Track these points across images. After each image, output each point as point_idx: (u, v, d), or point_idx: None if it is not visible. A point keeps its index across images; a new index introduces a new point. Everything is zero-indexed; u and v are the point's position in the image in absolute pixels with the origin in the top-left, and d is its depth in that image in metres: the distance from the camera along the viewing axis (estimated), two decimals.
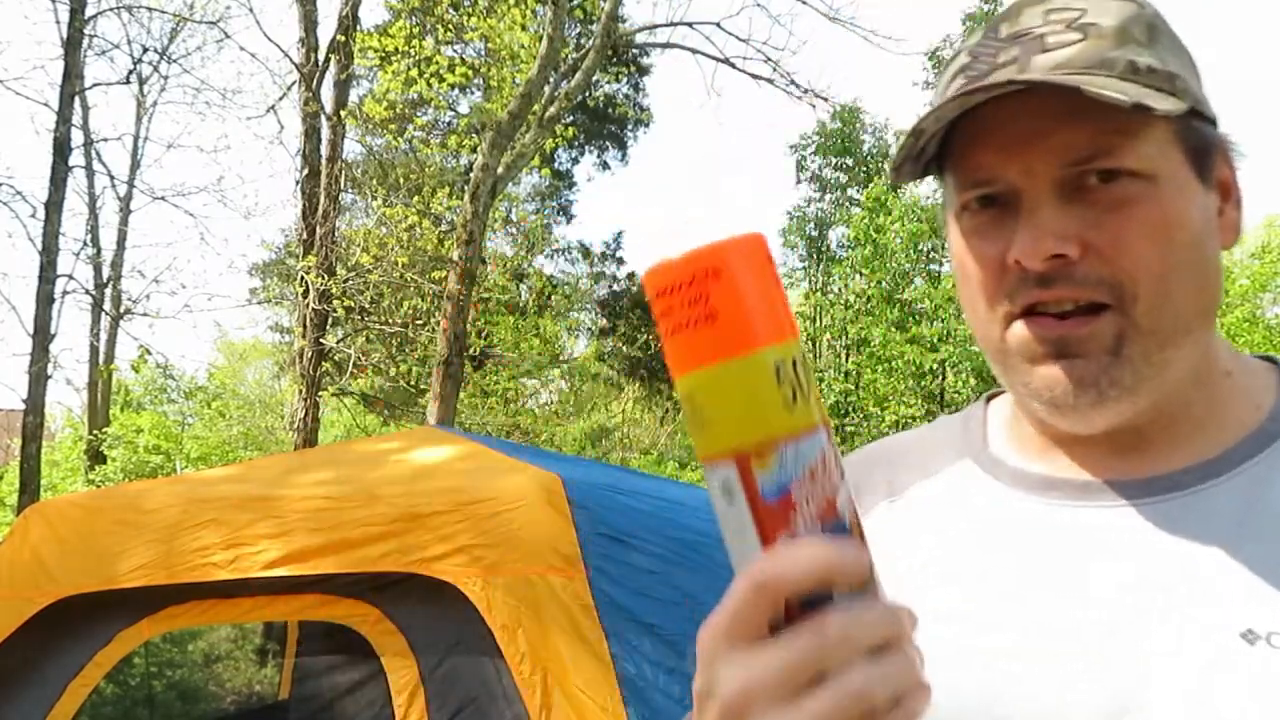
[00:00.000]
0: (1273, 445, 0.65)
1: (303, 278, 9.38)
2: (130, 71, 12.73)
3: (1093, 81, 0.59)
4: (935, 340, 9.70)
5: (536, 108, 8.33)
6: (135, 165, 15.74)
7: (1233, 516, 0.62)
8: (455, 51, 11.88)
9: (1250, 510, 0.62)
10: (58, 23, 9.82)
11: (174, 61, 14.38)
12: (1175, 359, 0.63)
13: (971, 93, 0.60)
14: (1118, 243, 0.61)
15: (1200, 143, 0.64)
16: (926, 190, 11.10)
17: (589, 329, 19.00)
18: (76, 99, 9.44)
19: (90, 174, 14.38)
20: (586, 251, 18.46)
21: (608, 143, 18.24)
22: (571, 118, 15.96)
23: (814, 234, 14.61)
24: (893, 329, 9.77)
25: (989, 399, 0.79)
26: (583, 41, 12.21)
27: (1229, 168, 0.67)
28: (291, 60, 9.86)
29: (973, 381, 9.89)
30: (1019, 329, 0.64)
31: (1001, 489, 0.70)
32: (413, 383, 11.77)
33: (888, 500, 0.76)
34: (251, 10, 14.16)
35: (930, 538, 0.71)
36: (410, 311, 11.14)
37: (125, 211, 15.60)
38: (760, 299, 0.48)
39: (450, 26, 11.33)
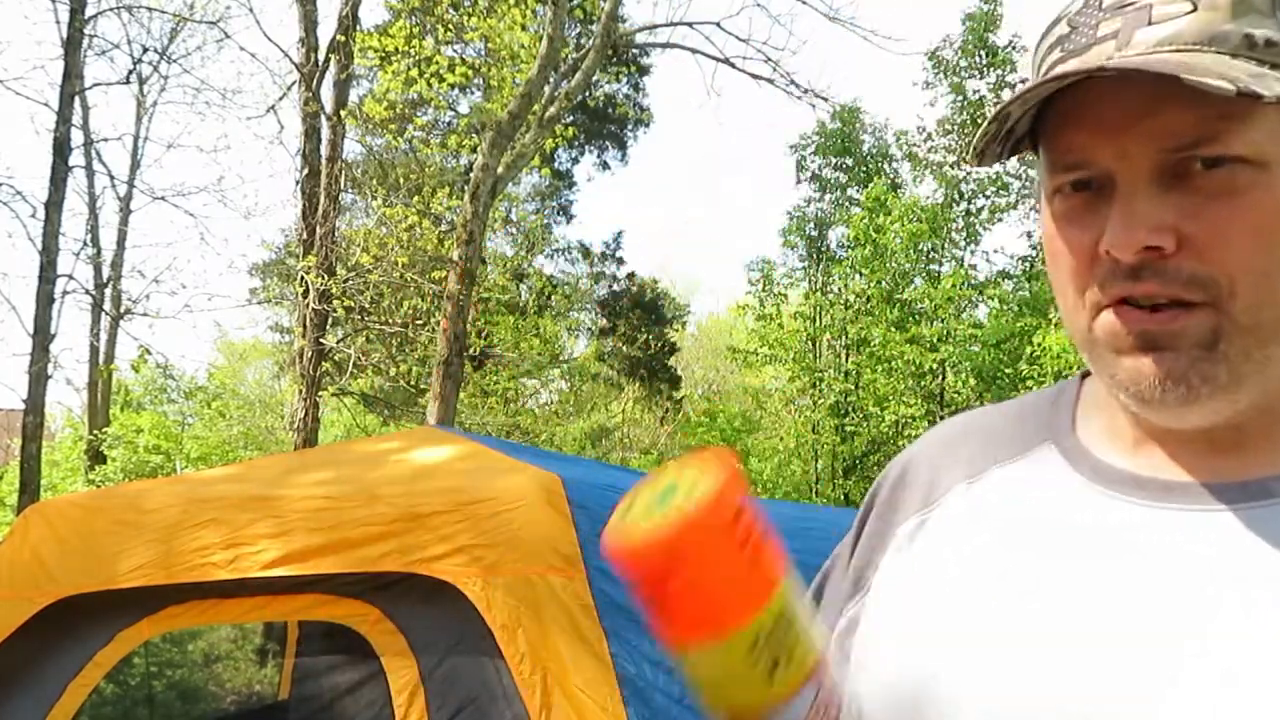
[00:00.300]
0: None
1: (303, 278, 9.39)
2: (130, 71, 12.73)
3: (1197, 64, 0.55)
4: (935, 340, 9.70)
5: (536, 108, 8.33)
6: (135, 165, 15.75)
7: None
8: (455, 51, 11.88)
9: None
10: (58, 23, 9.82)
11: (174, 61, 14.38)
12: (1274, 358, 0.59)
13: (1060, 77, 0.57)
14: (1217, 236, 0.57)
15: None
16: (926, 190, 11.12)
17: (589, 329, 19.00)
18: (76, 99, 9.44)
19: (90, 174, 14.38)
20: (586, 251, 18.45)
21: (608, 143, 18.23)
22: (571, 118, 15.96)
23: (814, 234, 14.63)
24: (892, 329, 9.77)
25: (1084, 376, 0.74)
26: (583, 41, 12.22)
27: None
28: (291, 60, 9.86)
29: (972, 381, 9.90)
30: (1107, 318, 0.60)
31: (1080, 482, 0.67)
32: (413, 383, 11.77)
33: (966, 482, 0.73)
34: (251, 10, 14.19)
35: (996, 529, 0.68)
36: (410, 311, 11.14)
37: (125, 211, 15.60)
38: (726, 580, 0.48)
39: (450, 26, 11.33)
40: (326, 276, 9.42)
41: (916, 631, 0.68)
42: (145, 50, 14.00)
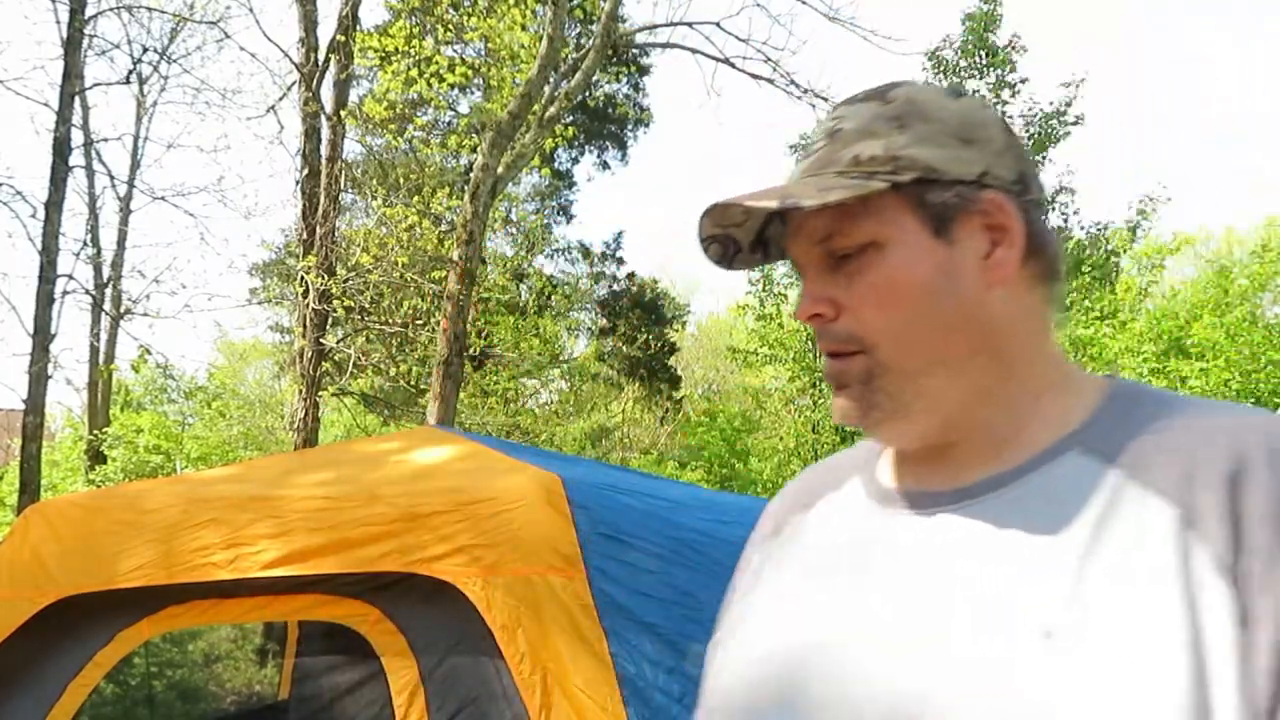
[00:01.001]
0: (1059, 458, 0.74)
1: (303, 278, 9.38)
2: (130, 71, 12.72)
3: (798, 187, 0.76)
4: None
5: (536, 108, 8.33)
6: (135, 165, 15.75)
7: (1014, 521, 0.72)
8: (455, 51, 11.88)
9: (1026, 517, 0.72)
10: (58, 23, 9.82)
11: (174, 61, 14.39)
12: (932, 387, 0.76)
13: (704, 213, 0.79)
14: (859, 304, 0.77)
15: (939, 205, 0.76)
16: None
17: (589, 329, 18.99)
18: (76, 99, 9.44)
19: (90, 174, 14.39)
20: (586, 251, 18.44)
21: (608, 143, 18.22)
22: (571, 118, 15.95)
23: None
24: None
25: None
26: (583, 41, 12.21)
27: (1001, 213, 0.77)
28: (291, 60, 9.86)
29: None
30: (824, 366, 0.81)
31: (865, 502, 0.84)
32: (413, 383, 11.77)
33: (802, 512, 0.91)
34: (251, 10, 14.17)
35: (806, 553, 0.85)
36: (410, 311, 11.14)
37: (125, 211, 15.61)
38: None
39: (450, 26, 11.33)
40: (326, 276, 9.42)
41: (737, 656, 0.84)
42: (145, 50, 14.01)
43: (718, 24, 9.35)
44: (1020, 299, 0.78)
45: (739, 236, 0.83)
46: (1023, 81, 10.78)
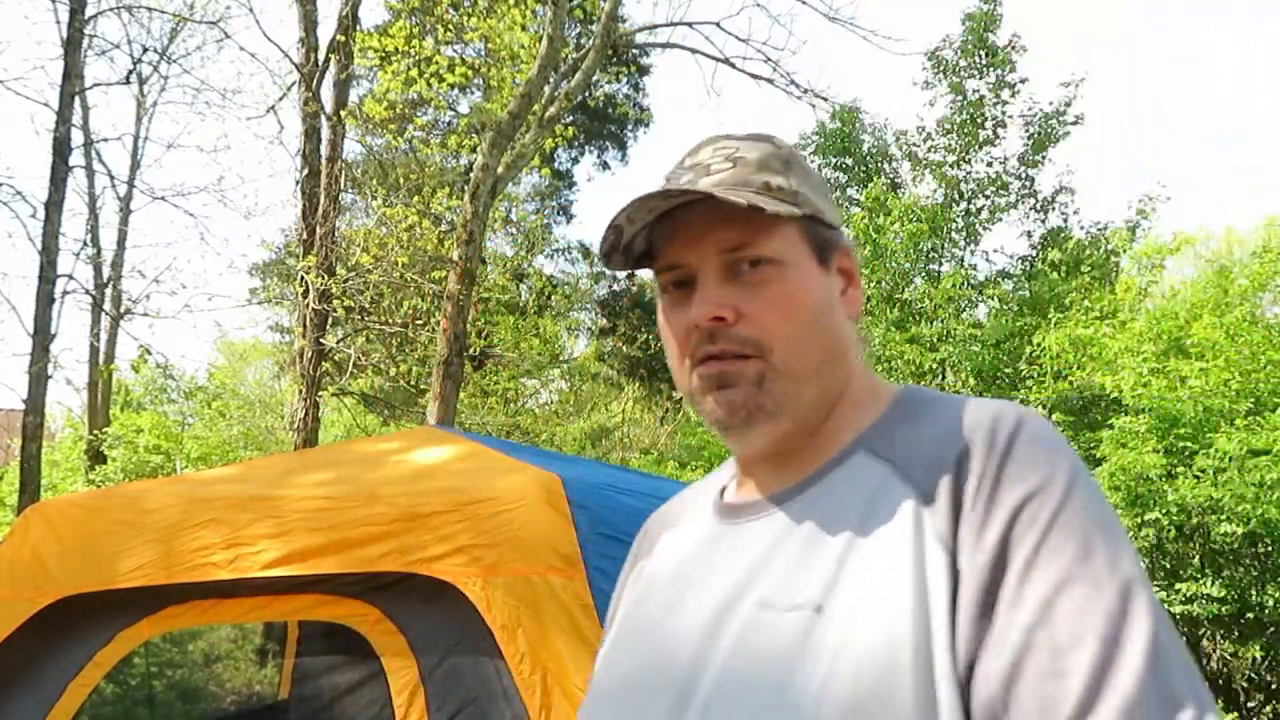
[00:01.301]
0: (850, 458, 0.84)
1: (303, 278, 9.38)
2: (130, 71, 12.71)
3: (728, 193, 0.82)
4: (935, 340, 9.70)
5: (536, 108, 8.33)
6: (135, 165, 15.75)
7: (808, 517, 0.82)
8: (455, 51, 11.88)
9: (817, 513, 0.81)
10: (58, 23, 9.82)
11: (174, 61, 14.39)
12: (806, 393, 0.85)
13: (646, 197, 0.83)
14: (759, 312, 0.84)
15: (821, 240, 0.89)
16: (926, 190, 11.10)
17: (589, 329, 18.98)
18: (76, 99, 9.43)
19: (90, 174, 14.38)
20: (586, 251, 18.42)
21: (608, 143, 18.20)
22: (571, 118, 15.95)
23: None
24: (892, 329, 9.76)
25: None
26: (583, 41, 12.21)
27: (850, 260, 0.92)
28: (291, 60, 9.86)
29: (972, 381, 9.89)
30: (699, 370, 0.86)
31: (709, 519, 0.93)
32: (413, 383, 11.76)
33: (669, 532, 0.98)
34: (251, 10, 14.17)
35: (659, 570, 0.93)
36: (410, 311, 11.13)
37: (125, 211, 15.60)
38: None
39: (450, 26, 11.32)
40: (326, 276, 9.42)
41: (589, 693, 0.92)
42: (145, 50, 14.00)
43: (718, 24, 9.35)
44: (851, 324, 0.92)
45: (626, 231, 0.87)
46: (1023, 81, 10.77)
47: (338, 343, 10.59)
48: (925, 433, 0.82)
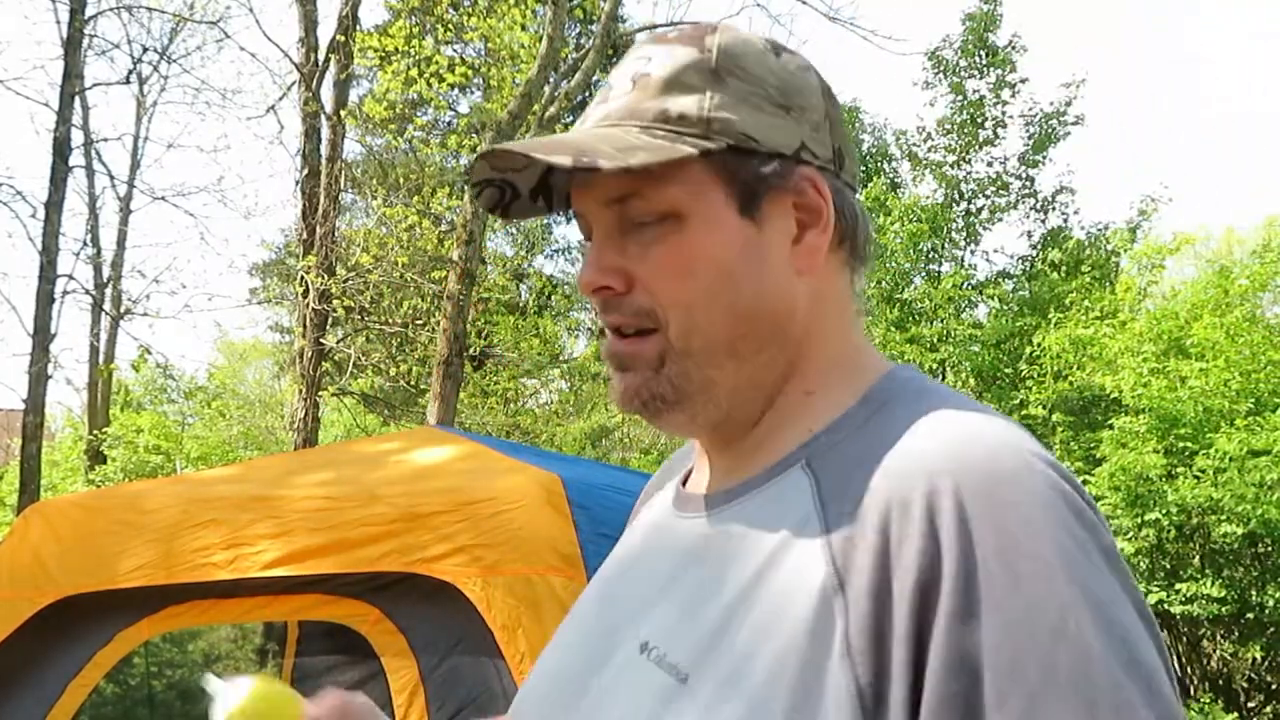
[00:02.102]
0: (786, 472, 0.66)
1: (303, 278, 9.38)
2: (130, 71, 12.72)
3: (588, 141, 0.65)
4: (935, 340, 9.69)
5: (536, 108, 8.33)
6: (135, 165, 15.74)
7: (720, 542, 0.66)
8: (455, 51, 11.88)
9: (729, 539, 0.66)
10: (58, 23, 9.82)
11: (174, 61, 14.37)
12: (719, 377, 0.68)
13: (479, 157, 0.69)
14: (653, 277, 0.68)
15: (748, 178, 0.67)
16: (926, 190, 11.10)
17: (589, 329, 18.99)
18: (76, 99, 9.43)
19: (90, 174, 14.37)
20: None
21: None
22: (571, 118, 15.94)
23: None
24: (892, 329, 9.76)
25: None
26: (583, 41, 12.21)
27: (810, 195, 0.69)
28: (291, 60, 9.86)
29: (972, 381, 9.89)
30: (603, 344, 0.73)
31: (669, 502, 0.79)
32: (413, 383, 11.76)
33: (646, 508, 0.85)
34: (251, 10, 14.20)
35: (618, 552, 0.82)
36: (410, 311, 11.13)
37: (125, 211, 15.60)
38: None
39: (450, 26, 11.32)
40: (326, 276, 9.42)
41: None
42: (145, 50, 14.00)
43: None
44: (824, 287, 0.71)
45: (519, 183, 0.73)
46: (1023, 81, 10.77)
47: (338, 343, 10.59)
48: (871, 455, 0.61)
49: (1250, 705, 6.69)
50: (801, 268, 0.69)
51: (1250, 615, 6.29)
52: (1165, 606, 6.19)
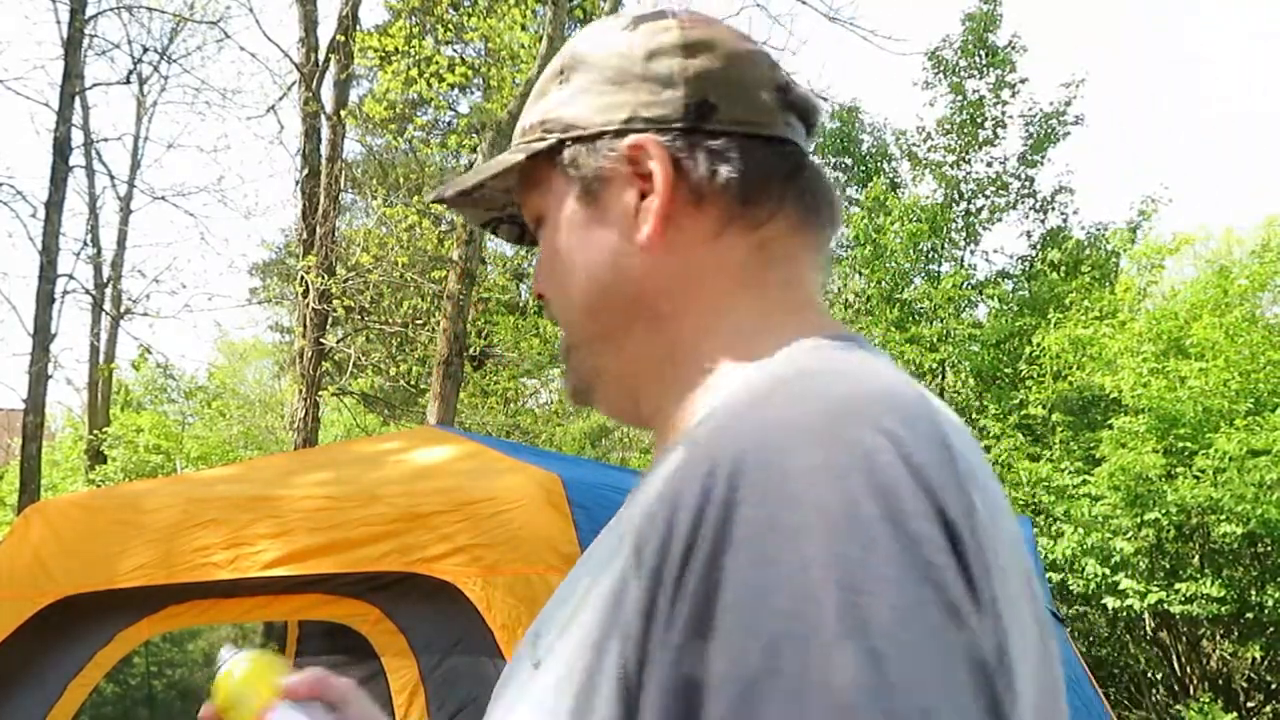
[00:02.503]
0: (669, 455, 0.57)
1: (303, 278, 9.38)
2: (130, 71, 12.73)
3: (487, 164, 0.71)
4: (935, 340, 9.69)
5: None
6: (135, 165, 15.75)
7: (601, 540, 0.62)
8: (455, 51, 11.88)
9: (605, 536, 0.62)
10: (58, 23, 9.84)
11: (174, 61, 14.40)
12: (605, 364, 0.69)
13: (445, 203, 0.76)
14: (536, 280, 0.73)
15: (579, 164, 0.67)
16: (926, 190, 11.10)
17: None
18: (76, 99, 9.44)
19: (90, 174, 14.38)
20: None
21: None
22: None
23: None
24: (892, 329, 9.76)
25: None
26: None
27: (646, 162, 0.64)
28: (291, 60, 9.86)
29: (972, 381, 9.89)
30: None
31: None
32: (413, 383, 11.77)
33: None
34: (251, 10, 14.21)
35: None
36: (410, 311, 11.13)
37: (125, 211, 15.61)
38: None
39: (450, 26, 11.32)
40: (326, 276, 9.42)
41: None
42: (145, 50, 14.02)
43: None
44: (689, 255, 0.65)
45: (514, 211, 0.76)
46: (1023, 81, 10.77)
47: (338, 343, 10.59)
48: (672, 458, 0.55)
49: (1250, 705, 6.70)
50: (642, 241, 0.64)
51: (1250, 615, 6.29)
52: (1165, 606, 6.20)
